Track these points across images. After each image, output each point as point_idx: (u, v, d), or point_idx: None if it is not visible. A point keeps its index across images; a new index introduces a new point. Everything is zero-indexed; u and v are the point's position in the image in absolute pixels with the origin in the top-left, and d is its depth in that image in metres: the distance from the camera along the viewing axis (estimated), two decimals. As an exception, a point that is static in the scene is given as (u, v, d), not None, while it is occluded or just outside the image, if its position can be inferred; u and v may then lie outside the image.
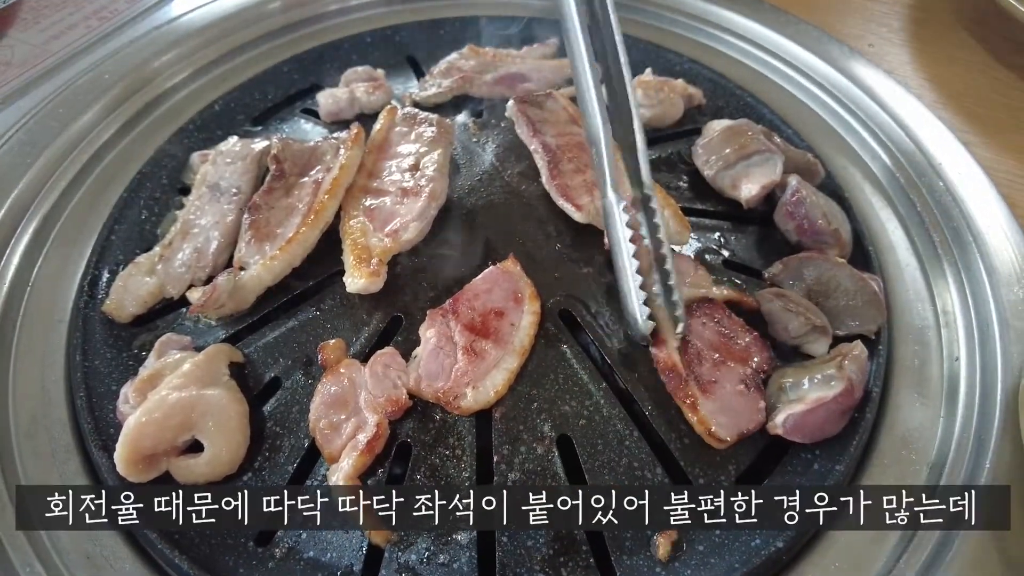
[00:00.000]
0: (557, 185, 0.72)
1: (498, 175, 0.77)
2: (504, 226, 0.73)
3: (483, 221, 0.73)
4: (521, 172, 0.77)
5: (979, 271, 0.69)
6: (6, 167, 0.78)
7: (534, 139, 0.76)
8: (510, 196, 0.75)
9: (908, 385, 0.65)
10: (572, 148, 0.76)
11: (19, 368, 0.66)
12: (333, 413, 0.59)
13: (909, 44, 0.98)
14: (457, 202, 0.75)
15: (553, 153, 0.75)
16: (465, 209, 0.74)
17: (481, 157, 0.80)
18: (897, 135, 0.82)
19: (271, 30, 1.01)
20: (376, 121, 0.80)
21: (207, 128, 0.87)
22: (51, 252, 0.75)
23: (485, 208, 0.75)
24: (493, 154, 0.80)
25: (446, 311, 0.63)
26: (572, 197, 0.71)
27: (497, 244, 0.71)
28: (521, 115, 0.79)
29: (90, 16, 0.98)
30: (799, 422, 0.59)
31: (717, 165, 0.77)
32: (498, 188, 0.76)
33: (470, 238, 0.72)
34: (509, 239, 0.72)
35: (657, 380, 0.63)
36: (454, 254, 0.71)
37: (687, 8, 1.00)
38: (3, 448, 0.60)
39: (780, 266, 0.70)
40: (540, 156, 0.75)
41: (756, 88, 0.90)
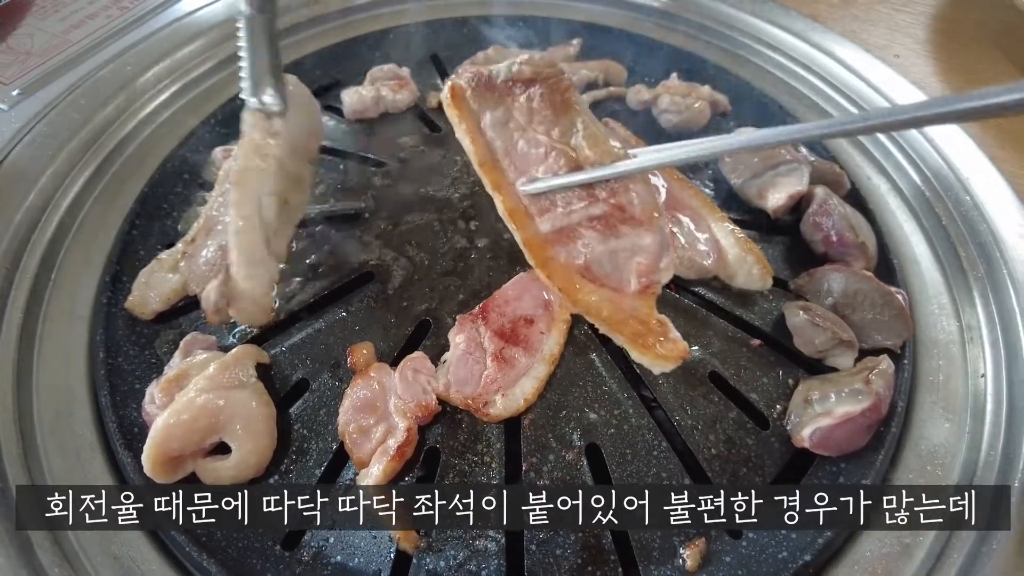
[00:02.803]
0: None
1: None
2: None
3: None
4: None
5: (1006, 287, 0.69)
6: (28, 159, 0.77)
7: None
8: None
9: (933, 400, 0.65)
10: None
11: (43, 363, 0.66)
12: (362, 417, 0.59)
13: (935, 55, 0.97)
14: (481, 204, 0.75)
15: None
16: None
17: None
18: (924, 148, 0.81)
19: (295, 23, 1.00)
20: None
21: (229, 123, 0.87)
22: (73, 246, 0.74)
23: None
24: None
25: (476, 317, 0.63)
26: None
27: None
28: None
29: (109, 6, 0.97)
30: (826, 436, 0.59)
31: (744, 174, 0.77)
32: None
33: (498, 241, 0.72)
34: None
35: (686, 390, 0.63)
36: (484, 258, 0.71)
37: (715, 15, 0.99)
38: (29, 447, 0.60)
39: (806, 277, 0.70)
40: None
41: (782, 97, 0.90)
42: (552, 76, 0.62)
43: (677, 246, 0.68)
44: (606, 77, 0.91)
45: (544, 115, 0.61)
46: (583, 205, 0.59)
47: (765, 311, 0.70)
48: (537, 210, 0.60)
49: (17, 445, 0.59)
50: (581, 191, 0.59)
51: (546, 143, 0.60)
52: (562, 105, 0.61)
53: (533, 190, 0.60)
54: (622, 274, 0.59)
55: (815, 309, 0.66)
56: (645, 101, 0.87)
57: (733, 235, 0.69)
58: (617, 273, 0.59)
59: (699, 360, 0.66)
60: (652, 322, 0.57)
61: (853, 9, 1.05)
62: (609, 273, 0.59)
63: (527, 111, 0.61)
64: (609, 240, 0.59)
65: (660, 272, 0.59)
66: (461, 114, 0.62)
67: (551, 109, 0.61)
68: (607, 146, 0.59)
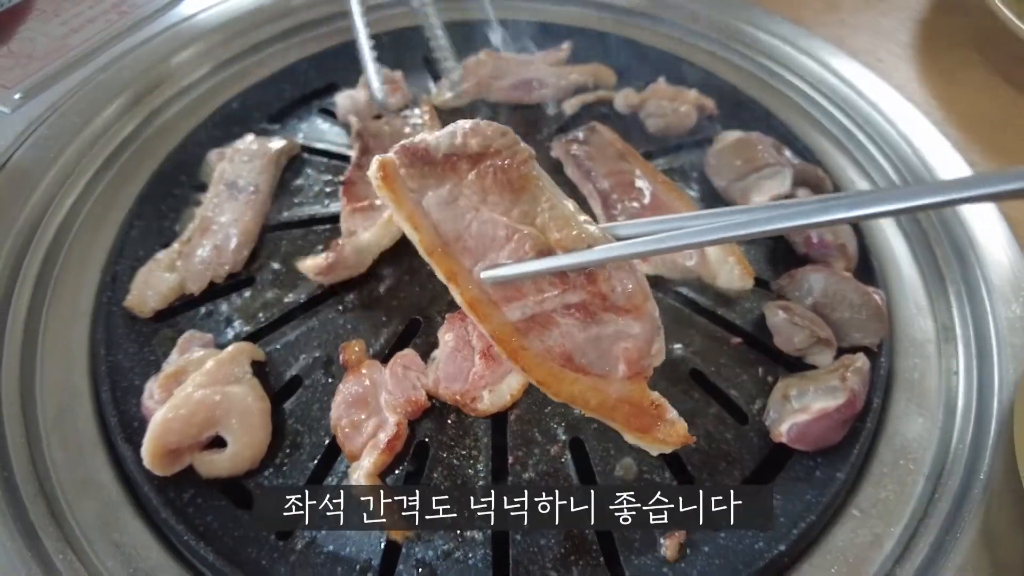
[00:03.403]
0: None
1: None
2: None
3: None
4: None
5: (979, 288, 0.72)
6: (30, 161, 0.79)
7: (586, 182, 0.78)
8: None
9: (908, 397, 0.67)
10: (625, 187, 0.76)
11: (46, 360, 0.68)
12: (354, 412, 0.61)
13: (917, 60, 0.99)
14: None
15: (607, 198, 0.76)
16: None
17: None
18: (903, 151, 0.84)
19: (288, 28, 1.02)
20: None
21: (224, 125, 0.89)
22: (74, 245, 0.76)
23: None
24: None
25: (464, 315, 0.65)
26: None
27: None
28: (568, 156, 0.81)
29: (109, 10, 0.98)
30: (803, 431, 0.62)
31: (728, 177, 0.79)
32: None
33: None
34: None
35: (667, 386, 0.65)
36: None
37: (703, 20, 1.01)
38: (33, 439, 0.62)
39: (787, 278, 0.72)
40: (595, 200, 0.77)
41: (767, 100, 0.92)
42: (505, 148, 0.52)
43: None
44: (595, 81, 0.93)
45: (500, 194, 0.52)
46: (557, 293, 0.51)
47: (747, 310, 0.72)
48: (502, 298, 0.52)
49: (22, 437, 0.61)
50: (552, 276, 0.51)
51: (506, 225, 0.51)
52: (520, 181, 0.52)
53: (495, 278, 0.52)
54: (608, 361, 0.52)
55: (795, 309, 0.68)
56: (633, 105, 0.89)
57: (715, 236, 0.71)
58: (602, 361, 0.52)
59: (681, 358, 0.68)
60: (646, 404, 0.52)
61: (838, 14, 1.07)
62: (593, 361, 0.52)
63: (479, 189, 0.52)
64: (591, 327, 0.51)
65: (651, 358, 0.52)
66: (396, 196, 0.52)
67: (508, 187, 0.52)
68: (580, 228, 0.50)
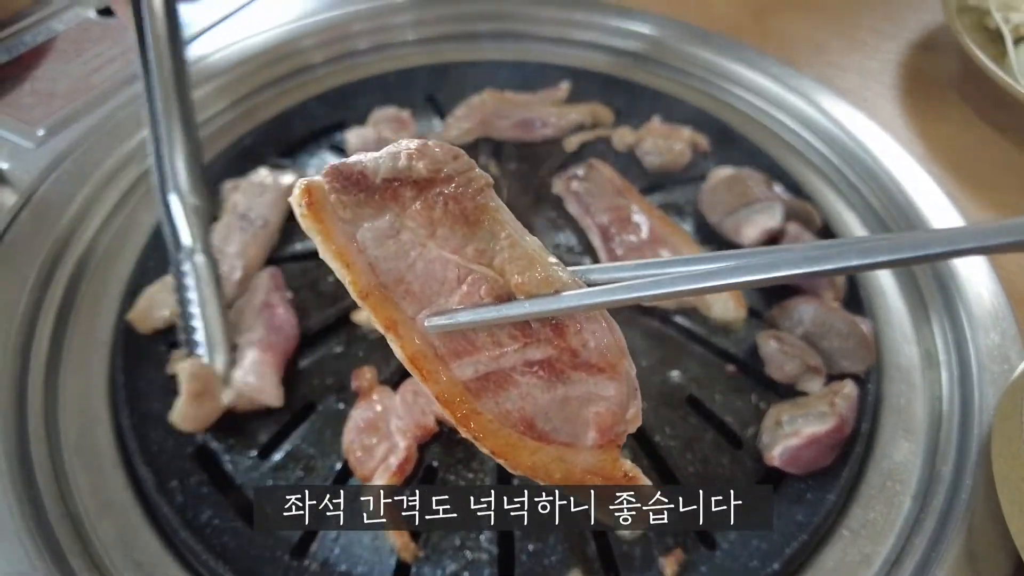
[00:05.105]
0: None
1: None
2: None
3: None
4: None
5: (960, 317, 0.75)
6: (54, 195, 0.83)
7: (586, 217, 0.82)
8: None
9: (895, 422, 0.70)
10: (623, 222, 0.81)
11: (68, 385, 0.70)
12: (366, 437, 0.64)
13: (901, 99, 1.04)
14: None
15: (606, 231, 0.80)
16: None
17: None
18: (888, 187, 0.88)
19: (299, 67, 1.06)
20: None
21: (238, 160, 0.92)
22: (94, 275, 0.79)
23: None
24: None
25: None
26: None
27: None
28: (569, 192, 0.85)
29: (128, 51, 1.03)
30: (794, 455, 0.64)
31: (721, 211, 0.83)
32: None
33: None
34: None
35: (665, 412, 0.68)
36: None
37: (696, 60, 1.06)
38: (57, 462, 0.64)
39: (779, 308, 0.76)
40: (595, 236, 0.81)
41: (758, 138, 0.96)
42: (457, 174, 0.43)
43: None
44: (594, 120, 0.97)
45: (451, 228, 0.42)
46: (517, 347, 0.43)
47: (740, 339, 0.75)
48: (451, 352, 0.43)
49: (47, 460, 0.64)
50: (514, 327, 0.43)
51: (457, 264, 0.42)
52: (475, 213, 0.42)
53: (443, 327, 0.42)
54: (576, 426, 0.43)
55: (786, 338, 0.72)
56: (630, 143, 0.93)
57: (709, 269, 0.75)
58: (569, 426, 0.43)
59: (678, 385, 0.71)
60: (619, 476, 0.44)
61: (826, 56, 1.12)
62: (558, 427, 0.43)
63: (426, 221, 0.42)
64: (557, 388, 0.43)
65: (627, 424, 0.44)
66: (323, 228, 0.42)
67: (461, 220, 0.42)
68: (546, 270, 0.41)
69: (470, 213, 0.43)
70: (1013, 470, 0.58)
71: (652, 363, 0.72)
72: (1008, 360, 0.71)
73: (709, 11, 1.20)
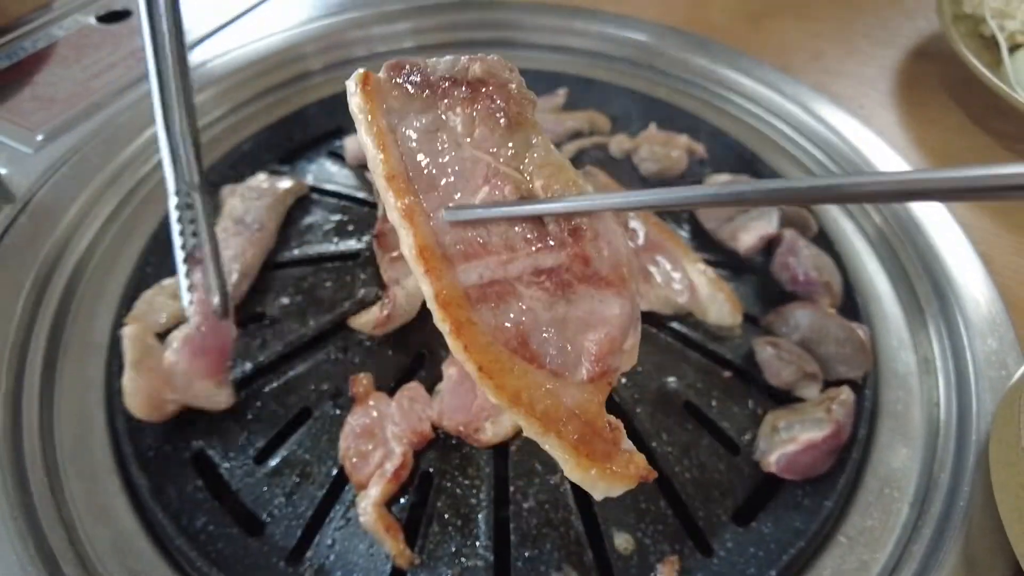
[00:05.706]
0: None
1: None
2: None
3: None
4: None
5: (957, 322, 0.75)
6: (52, 200, 0.83)
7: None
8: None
9: (892, 427, 0.70)
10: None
11: (64, 390, 0.70)
12: (362, 443, 0.64)
13: (896, 106, 1.05)
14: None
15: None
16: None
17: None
18: (884, 194, 0.88)
19: (299, 73, 1.06)
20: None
21: (237, 165, 0.93)
22: (92, 280, 0.79)
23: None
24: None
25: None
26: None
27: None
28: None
29: (128, 56, 1.03)
30: (791, 461, 0.64)
31: (717, 218, 0.83)
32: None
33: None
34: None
35: (662, 418, 0.68)
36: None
37: (693, 68, 1.06)
38: (51, 468, 0.64)
39: (775, 314, 0.76)
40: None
41: (755, 144, 0.97)
42: (509, 82, 0.45)
43: (654, 284, 0.74)
44: (591, 127, 0.97)
45: (490, 129, 0.43)
46: (530, 251, 0.42)
47: (737, 345, 0.75)
48: (460, 253, 0.43)
49: (41, 466, 0.64)
50: (529, 230, 0.42)
51: (488, 164, 0.43)
52: (517, 119, 0.44)
53: (463, 216, 0.43)
54: (569, 354, 0.42)
55: (782, 344, 0.72)
56: (626, 150, 0.93)
57: (705, 275, 0.75)
58: (563, 353, 0.42)
59: (675, 391, 0.71)
60: (600, 424, 0.41)
61: (823, 63, 1.12)
62: (553, 351, 0.42)
63: (467, 120, 0.44)
64: (558, 305, 0.42)
65: (622, 355, 0.43)
66: (371, 107, 0.44)
67: (501, 123, 0.43)
68: (572, 175, 0.43)
69: (512, 117, 0.44)
70: (1011, 476, 0.58)
71: (649, 369, 0.72)
72: (1005, 366, 0.71)
73: (706, 19, 1.20)
